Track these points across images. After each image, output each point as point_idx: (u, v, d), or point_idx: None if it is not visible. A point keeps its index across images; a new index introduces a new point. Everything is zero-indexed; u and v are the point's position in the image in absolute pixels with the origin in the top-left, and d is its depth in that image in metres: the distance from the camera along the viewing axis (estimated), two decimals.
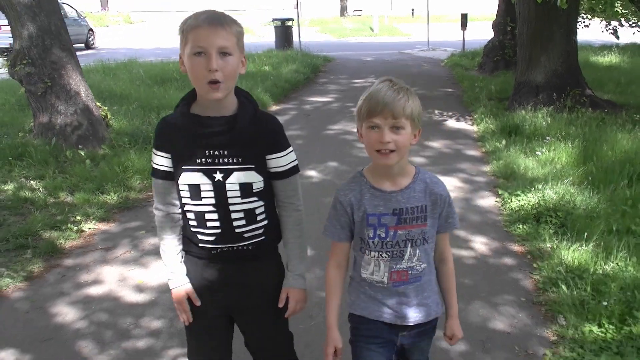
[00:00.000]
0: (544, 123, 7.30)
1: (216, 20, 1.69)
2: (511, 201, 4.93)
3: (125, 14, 36.20)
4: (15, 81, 10.14)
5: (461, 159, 6.43)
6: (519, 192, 5.01)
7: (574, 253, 3.83)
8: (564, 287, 3.46)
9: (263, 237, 1.91)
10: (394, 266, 1.83)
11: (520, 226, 4.45)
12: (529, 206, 4.70)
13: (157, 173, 1.88)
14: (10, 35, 6.19)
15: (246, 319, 2.00)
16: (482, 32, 16.70)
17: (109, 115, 6.99)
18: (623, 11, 13.38)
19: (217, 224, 1.83)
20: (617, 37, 13.93)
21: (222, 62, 1.68)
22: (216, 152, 1.79)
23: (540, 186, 4.96)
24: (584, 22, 14.46)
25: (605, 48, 15.86)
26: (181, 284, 1.92)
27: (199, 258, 1.92)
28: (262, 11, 38.56)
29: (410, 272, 1.84)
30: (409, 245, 1.82)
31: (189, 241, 1.92)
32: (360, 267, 1.89)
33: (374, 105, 1.70)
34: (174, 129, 1.82)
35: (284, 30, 16.46)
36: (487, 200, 5.14)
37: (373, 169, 1.85)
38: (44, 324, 3.25)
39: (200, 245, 1.88)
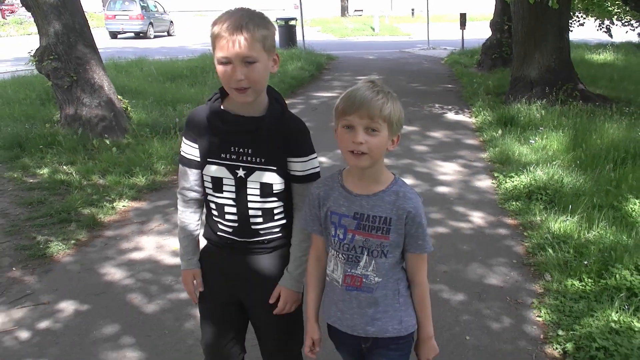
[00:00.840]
0: (537, 115, 7.77)
1: (238, 28, 1.66)
2: (506, 182, 5.40)
3: None
4: (34, 78, 10.66)
5: (460, 147, 6.91)
6: (512, 175, 5.48)
7: (560, 224, 4.29)
8: (550, 250, 3.92)
9: (279, 234, 1.94)
10: (349, 270, 1.79)
11: (514, 203, 4.91)
12: (522, 186, 5.17)
13: (184, 160, 1.92)
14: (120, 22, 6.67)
15: (255, 310, 2.02)
16: (480, 31, 17.15)
17: (129, 108, 7.46)
18: (616, 10, 13.88)
19: (235, 217, 1.88)
20: (611, 36, 14.44)
21: (247, 70, 1.68)
22: (241, 150, 1.82)
23: (532, 168, 5.43)
24: (578, 20, 14.95)
25: (601, 46, 16.32)
26: (190, 267, 2.00)
27: (216, 246, 1.97)
28: (263, 12, 38.99)
29: (364, 279, 1.78)
30: (365, 254, 1.76)
31: (209, 229, 1.97)
32: (328, 262, 1.88)
33: (350, 104, 1.65)
34: (203, 121, 1.85)
35: (287, 30, 16.94)
36: (484, 182, 5.61)
37: (349, 170, 1.80)
38: (95, 281, 3.71)
39: (218, 234, 1.93)
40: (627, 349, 2.81)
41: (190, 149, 1.89)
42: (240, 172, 1.83)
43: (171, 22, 29.12)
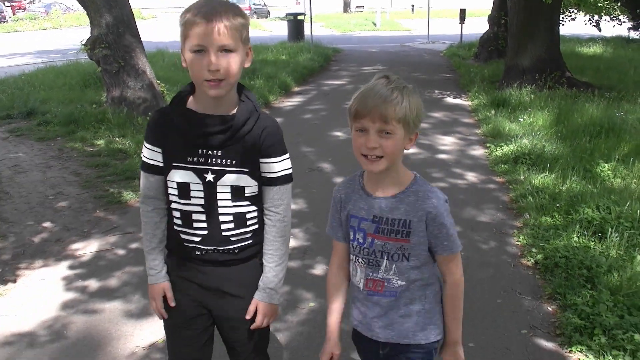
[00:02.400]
0: (527, 98, 8.73)
1: (216, 15, 1.57)
2: (496, 150, 6.35)
3: (135, 9, 37.50)
4: (66, 67, 11.59)
5: (458, 125, 7.86)
6: (502, 144, 6.44)
7: (539, 179, 5.24)
8: (530, 197, 4.87)
9: (251, 241, 1.83)
10: (370, 274, 1.73)
11: (502, 166, 5.87)
12: (510, 152, 6.13)
13: (146, 167, 1.80)
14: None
15: (227, 324, 1.91)
16: (479, 26, 18.07)
17: (165, 91, 8.39)
18: (606, 5, 14.82)
19: (204, 225, 1.77)
20: (600, 30, 15.38)
21: (223, 60, 1.59)
22: (209, 152, 1.71)
23: (518, 138, 6.39)
24: (570, 15, 15.88)
25: (592, 40, 17.27)
26: (159, 281, 1.87)
27: (181, 257, 1.86)
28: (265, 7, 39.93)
29: (386, 283, 1.72)
30: (385, 258, 1.69)
31: (173, 239, 1.85)
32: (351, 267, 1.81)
33: (362, 107, 1.57)
34: (168, 123, 1.74)
35: (296, 24, 17.87)
36: (478, 151, 6.57)
37: (368, 172, 1.72)
38: None
39: (184, 244, 1.81)
40: (583, 257, 3.75)
41: (152, 154, 1.77)
42: (209, 176, 1.72)
43: (268, 11, 38.56)
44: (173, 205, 1.78)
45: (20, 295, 3.55)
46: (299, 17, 18.04)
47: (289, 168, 1.81)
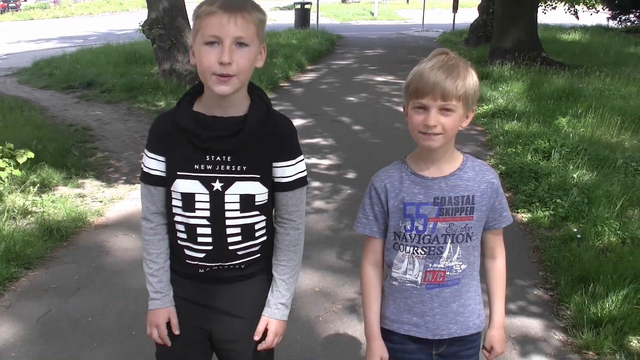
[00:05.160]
0: (507, 73, 10.37)
1: (235, 6, 1.47)
2: (478, 110, 8.01)
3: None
4: (104, 49, 13.11)
5: None
6: (483, 105, 8.09)
7: (509, 125, 6.90)
8: (501, 137, 6.53)
9: (258, 255, 1.69)
10: (430, 265, 1.63)
11: (482, 119, 7.53)
12: (489, 110, 7.80)
13: (148, 178, 1.65)
14: None
15: (227, 345, 1.76)
16: (471, 16, 19.64)
17: None
18: None
19: (209, 239, 1.62)
20: (577, 18, 17.06)
21: (237, 54, 1.47)
22: (218, 158, 1.57)
23: (495, 99, 8.06)
24: (551, 5, 17.54)
25: (572, 28, 18.92)
26: (165, 305, 1.70)
27: (183, 277, 1.71)
28: None
29: (448, 272, 1.64)
30: (449, 241, 1.62)
31: (174, 257, 1.71)
32: (392, 266, 1.69)
33: (422, 85, 1.51)
34: (172, 128, 1.59)
35: (302, 13, 19.43)
36: None
37: (416, 155, 1.66)
38: None
39: (187, 261, 1.67)
40: (533, 167, 5.39)
41: (154, 164, 1.63)
42: (217, 185, 1.58)
43: None
44: (177, 219, 1.63)
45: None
46: (306, 6, 19.60)
47: (304, 170, 1.67)
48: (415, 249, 1.63)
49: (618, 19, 20.53)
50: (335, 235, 4.19)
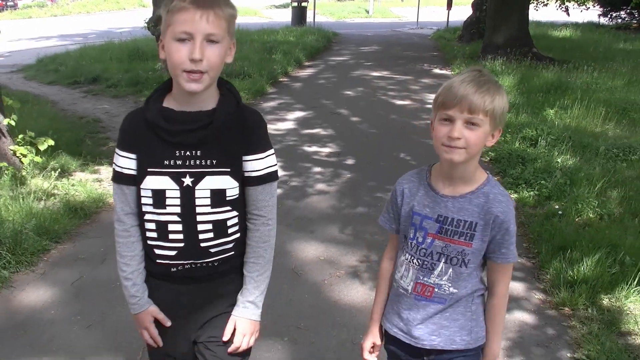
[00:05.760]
0: (499, 68, 10.74)
1: (206, 2, 1.46)
2: None
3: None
4: (106, 47, 13.41)
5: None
6: None
7: None
8: None
9: (232, 253, 1.67)
10: (421, 277, 1.66)
11: None
12: None
13: (119, 178, 1.62)
14: None
15: (203, 346, 1.73)
16: (464, 14, 20.01)
17: None
18: None
19: (180, 236, 1.60)
20: (568, 15, 17.46)
21: (208, 50, 1.47)
22: (187, 153, 1.56)
23: None
24: (543, 2, 17.92)
25: (564, 25, 19.33)
26: (145, 307, 1.69)
27: (155, 278, 1.69)
28: None
29: (436, 289, 1.64)
30: (443, 261, 1.62)
31: (147, 257, 1.68)
32: (397, 268, 1.75)
33: (451, 96, 1.52)
34: (142, 124, 1.58)
35: (299, 11, 19.75)
36: None
37: (438, 167, 1.66)
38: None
39: (157, 261, 1.65)
40: (520, 153, 5.75)
41: (125, 162, 1.61)
42: (187, 180, 1.57)
43: None
44: (147, 217, 1.62)
45: None
46: (303, 4, 19.93)
47: (274, 165, 1.66)
48: (412, 258, 1.67)
49: (609, 16, 20.98)
50: (337, 213, 4.54)
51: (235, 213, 1.64)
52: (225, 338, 1.68)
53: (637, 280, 3.34)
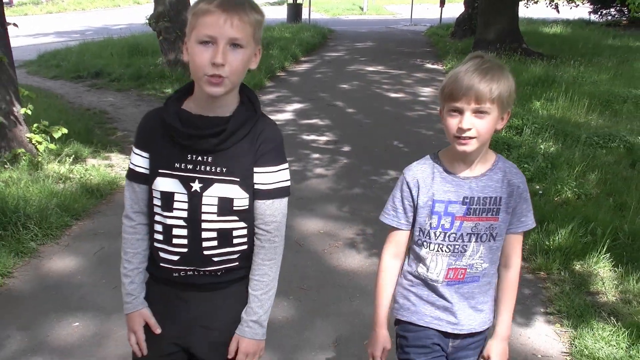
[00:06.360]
0: None
1: (232, 5, 1.44)
2: None
3: None
4: (105, 43, 13.68)
5: (434, 81, 10.26)
6: None
7: None
8: None
9: (237, 264, 1.64)
10: (453, 262, 1.67)
11: None
12: None
13: (132, 175, 1.63)
14: None
15: (200, 357, 1.69)
16: (457, 11, 20.37)
17: None
18: None
19: (184, 242, 1.59)
20: (558, 12, 17.85)
21: (231, 55, 1.44)
22: (199, 158, 1.54)
23: None
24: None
25: (555, 22, 19.74)
26: (138, 307, 1.66)
27: (158, 282, 1.68)
28: None
29: (469, 270, 1.68)
30: (473, 240, 1.66)
31: (152, 259, 1.67)
32: (415, 263, 1.73)
33: (457, 88, 1.54)
34: (158, 124, 1.57)
35: (295, 8, 20.11)
36: None
37: (449, 152, 1.67)
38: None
39: (161, 265, 1.63)
40: (506, 141, 6.11)
41: (140, 160, 1.60)
42: (196, 185, 1.55)
43: None
44: (156, 218, 1.61)
45: None
46: (298, 1, 20.29)
47: (287, 180, 1.62)
48: (440, 246, 1.67)
49: (599, 13, 21.41)
50: (335, 194, 4.90)
51: (243, 224, 1.60)
52: (229, 357, 1.65)
53: (606, 248, 3.71)
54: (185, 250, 1.59)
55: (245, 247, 1.63)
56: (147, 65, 10.48)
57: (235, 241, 1.61)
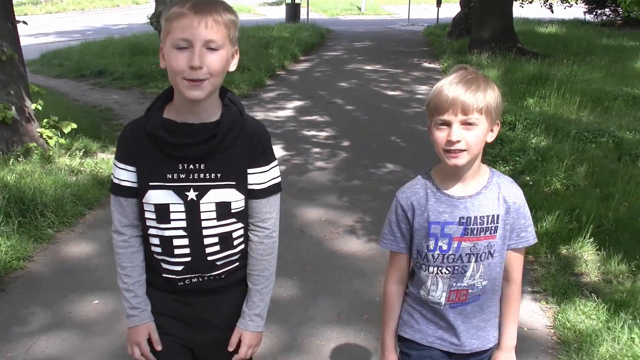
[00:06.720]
0: (484, 62, 11.36)
1: (205, 8, 1.43)
2: None
3: None
4: (106, 42, 13.88)
5: (431, 79, 10.48)
6: None
7: None
8: None
9: (238, 264, 1.68)
10: (454, 284, 1.64)
11: None
12: None
13: (118, 190, 1.59)
14: None
15: (207, 356, 1.75)
16: (454, 11, 20.64)
17: None
18: None
19: (186, 251, 1.59)
20: (552, 12, 18.13)
21: (208, 57, 1.43)
22: (191, 166, 1.53)
23: None
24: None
25: (550, 22, 20.00)
26: (144, 321, 1.66)
27: (162, 291, 1.67)
28: None
29: (470, 290, 1.65)
30: (473, 260, 1.61)
31: (149, 270, 1.67)
32: (417, 285, 1.71)
33: (442, 101, 1.51)
34: (142, 136, 1.54)
35: (293, 8, 20.34)
36: None
37: (441, 170, 1.63)
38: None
39: (164, 275, 1.63)
40: (500, 135, 6.35)
41: (125, 174, 1.57)
42: (191, 194, 1.54)
43: None
44: (151, 232, 1.60)
45: None
46: (296, 1, 20.52)
47: (278, 176, 1.65)
48: (440, 268, 1.63)
49: (594, 13, 21.69)
50: (335, 185, 5.14)
51: (240, 225, 1.64)
52: (231, 349, 1.69)
53: (591, 234, 3.94)
54: (188, 259, 1.60)
55: (243, 246, 1.67)
56: (149, 64, 10.69)
57: (235, 242, 1.64)
